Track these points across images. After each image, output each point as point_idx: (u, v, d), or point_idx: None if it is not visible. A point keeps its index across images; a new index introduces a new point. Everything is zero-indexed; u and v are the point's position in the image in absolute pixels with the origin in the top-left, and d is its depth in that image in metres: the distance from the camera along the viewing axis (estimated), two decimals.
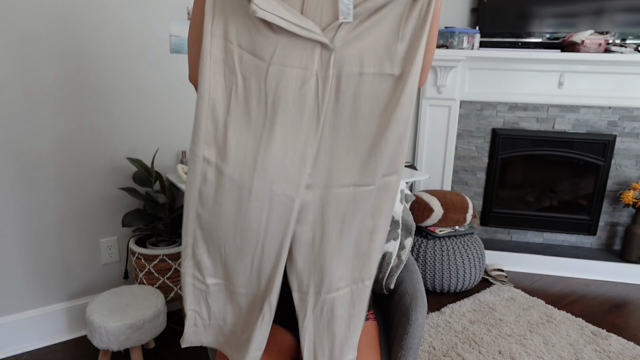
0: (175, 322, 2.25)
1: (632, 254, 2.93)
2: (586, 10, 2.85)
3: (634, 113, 2.89)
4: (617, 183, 3.02)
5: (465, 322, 2.33)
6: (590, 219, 3.10)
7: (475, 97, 3.04)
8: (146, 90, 2.11)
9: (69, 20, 1.87)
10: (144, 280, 2.04)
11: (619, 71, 2.81)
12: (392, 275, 1.46)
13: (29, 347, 2.02)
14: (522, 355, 2.08)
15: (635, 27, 2.81)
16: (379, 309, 1.49)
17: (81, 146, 2.00)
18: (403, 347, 1.22)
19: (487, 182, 3.17)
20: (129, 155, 2.13)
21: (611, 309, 2.57)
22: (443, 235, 2.64)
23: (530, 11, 2.93)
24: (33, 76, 1.84)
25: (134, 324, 1.72)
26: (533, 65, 2.90)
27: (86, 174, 2.04)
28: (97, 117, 2.02)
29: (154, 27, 2.07)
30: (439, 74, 2.97)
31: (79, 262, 2.10)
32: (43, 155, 1.92)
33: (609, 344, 2.19)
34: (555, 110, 2.98)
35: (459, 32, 2.83)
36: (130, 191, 2.05)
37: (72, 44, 1.90)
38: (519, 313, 2.44)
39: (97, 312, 1.75)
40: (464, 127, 3.11)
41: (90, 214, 2.09)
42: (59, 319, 2.08)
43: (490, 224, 3.23)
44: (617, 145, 2.96)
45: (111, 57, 2.00)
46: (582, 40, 2.72)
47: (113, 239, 2.17)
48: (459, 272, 2.59)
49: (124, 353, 1.99)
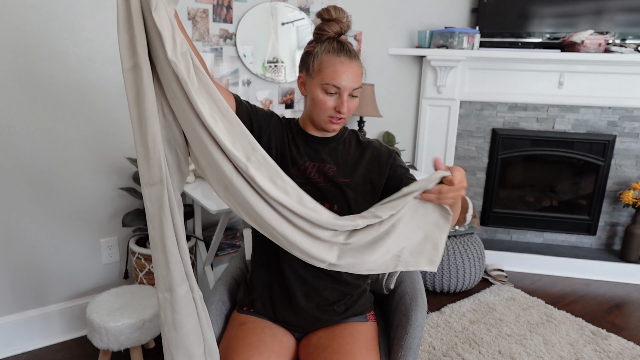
0: None
1: (632, 254, 2.93)
2: (586, 10, 2.85)
3: (634, 113, 2.90)
4: (617, 183, 3.02)
5: (465, 322, 2.33)
6: (590, 219, 3.10)
7: (475, 97, 3.04)
8: None
9: (68, 20, 1.87)
10: (144, 280, 2.04)
11: (619, 71, 2.82)
12: (392, 275, 1.46)
13: (29, 347, 2.02)
14: (522, 355, 2.08)
15: (635, 27, 2.81)
16: (379, 309, 1.49)
17: (81, 146, 2.00)
18: (403, 347, 1.22)
19: (487, 182, 3.17)
20: (129, 155, 2.13)
21: (611, 309, 2.57)
22: None
23: (530, 11, 2.93)
24: (32, 76, 1.84)
25: (134, 324, 1.72)
26: (533, 65, 2.90)
27: (86, 174, 2.04)
28: (97, 117, 2.02)
29: None
30: (439, 74, 2.97)
31: (79, 262, 2.10)
32: (43, 155, 1.92)
33: (609, 344, 2.19)
34: (555, 110, 2.98)
35: (459, 32, 2.83)
36: (130, 191, 2.05)
37: (72, 44, 1.90)
38: (519, 313, 2.45)
39: (97, 312, 1.75)
40: (464, 127, 3.11)
41: (90, 214, 2.09)
42: (59, 319, 2.08)
43: (490, 224, 3.23)
44: (617, 145, 2.96)
45: (111, 57, 2.00)
46: (582, 40, 2.72)
47: (113, 239, 2.17)
48: (459, 272, 2.59)
49: (124, 353, 1.99)
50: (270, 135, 1.16)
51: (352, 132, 1.27)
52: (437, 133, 3.14)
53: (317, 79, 1.10)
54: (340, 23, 1.10)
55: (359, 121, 2.75)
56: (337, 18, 1.10)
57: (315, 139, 1.20)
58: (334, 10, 1.10)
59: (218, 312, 1.29)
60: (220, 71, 2.30)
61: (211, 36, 2.23)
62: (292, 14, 2.44)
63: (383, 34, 2.89)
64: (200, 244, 2.19)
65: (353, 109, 1.14)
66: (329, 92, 1.09)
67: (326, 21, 1.10)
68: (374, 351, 1.19)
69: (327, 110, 1.11)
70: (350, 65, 1.09)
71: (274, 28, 2.40)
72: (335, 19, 1.10)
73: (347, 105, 1.10)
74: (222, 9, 2.24)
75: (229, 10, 2.26)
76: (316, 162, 1.18)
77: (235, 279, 1.43)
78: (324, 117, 1.12)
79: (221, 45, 2.27)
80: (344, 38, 1.13)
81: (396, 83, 3.04)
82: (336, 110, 1.10)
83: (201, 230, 2.26)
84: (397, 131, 3.13)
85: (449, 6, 3.08)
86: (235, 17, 2.28)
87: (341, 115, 1.11)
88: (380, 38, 2.88)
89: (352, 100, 1.12)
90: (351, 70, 1.09)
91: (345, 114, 1.11)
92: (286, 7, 2.42)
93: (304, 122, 1.21)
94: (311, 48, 1.12)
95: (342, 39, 1.12)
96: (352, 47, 1.12)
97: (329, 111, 1.11)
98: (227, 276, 1.43)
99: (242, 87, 2.39)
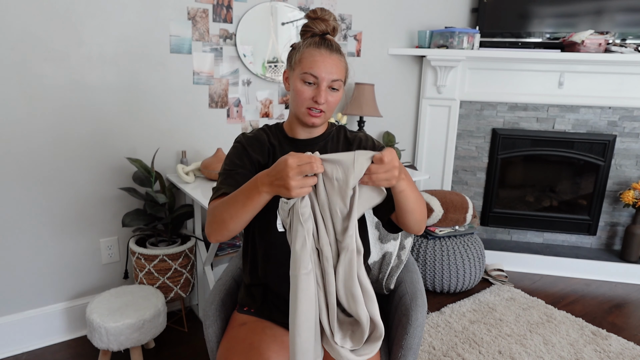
0: (175, 322, 2.25)
1: (632, 254, 2.93)
2: (586, 10, 2.85)
3: (634, 113, 2.89)
4: (617, 183, 3.02)
5: (465, 322, 2.33)
6: (590, 219, 3.10)
7: (475, 97, 3.04)
8: (146, 90, 2.11)
9: (67, 20, 1.87)
10: (144, 280, 2.04)
11: (619, 71, 2.81)
12: (392, 275, 1.46)
13: (29, 347, 2.02)
14: (522, 355, 2.08)
15: (635, 27, 2.81)
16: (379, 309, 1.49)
17: (81, 146, 2.00)
18: (403, 347, 1.22)
19: (487, 182, 3.17)
20: (129, 155, 2.13)
21: (611, 309, 2.57)
22: (443, 235, 2.64)
23: (530, 11, 2.93)
24: (33, 77, 1.84)
25: (134, 324, 1.72)
26: (533, 65, 2.90)
27: (86, 174, 2.04)
28: (97, 117, 2.02)
29: (154, 27, 2.07)
30: (439, 74, 2.97)
31: (79, 262, 2.10)
32: (43, 155, 1.92)
33: (609, 344, 2.19)
34: (555, 110, 2.98)
35: (459, 32, 2.83)
36: (130, 191, 2.05)
37: (72, 44, 1.90)
38: (519, 313, 2.44)
39: (97, 312, 1.75)
40: (464, 127, 3.11)
41: (90, 214, 2.09)
42: (59, 319, 2.08)
43: (490, 224, 3.23)
44: (617, 145, 2.96)
45: (111, 57, 2.00)
46: (582, 40, 2.72)
47: (113, 239, 2.17)
48: (459, 272, 2.59)
49: (124, 353, 1.99)
50: (253, 160, 1.17)
51: (340, 127, 1.27)
52: (437, 133, 3.14)
53: (297, 70, 1.11)
54: (326, 22, 1.12)
55: (359, 121, 2.75)
56: (322, 17, 1.12)
57: (302, 141, 1.20)
58: (320, 11, 1.12)
59: (218, 312, 1.28)
60: (220, 71, 2.30)
61: (211, 36, 2.23)
62: (292, 14, 2.44)
63: (383, 34, 2.89)
64: (200, 244, 2.19)
65: (333, 104, 1.13)
66: (307, 81, 1.09)
67: (312, 19, 1.13)
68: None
69: (305, 101, 1.10)
70: (330, 57, 1.09)
71: (274, 28, 2.40)
72: (320, 17, 1.12)
73: (326, 96, 1.09)
74: (222, 9, 2.23)
75: (229, 10, 2.26)
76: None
77: (235, 279, 1.43)
78: (302, 108, 1.11)
79: (221, 45, 2.27)
80: (330, 37, 1.14)
81: (396, 83, 3.04)
82: (314, 101, 1.09)
83: (201, 230, 2.26)
84: (397, 131, 3.13)
85: (449, 6, 3.08)
86: (235, 17, 2.28)
87: (319, 106, 1.10)
88: (380, 38, 2.88)
89: (332, 94, 1.11)
90: (330, 61, 1.09)
91: (324, 105, 1.10)
92: (286, 7, 2.42)
93: (290, 125, 1.21)
94: (296, 44, 1.15)
95: (327, 37, 1.13)
96: (337, 44, 1.13)
97: (306, 102, 1.10)
98: (227, 276, 1.43)
99: (242, 87, 2.39)
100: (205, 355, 2.00)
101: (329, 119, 1.24)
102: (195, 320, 2.28)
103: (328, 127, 1.24)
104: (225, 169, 1.16)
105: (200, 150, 2.34)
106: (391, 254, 1.48)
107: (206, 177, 2.14)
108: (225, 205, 1.03)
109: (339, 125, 1.28)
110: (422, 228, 1.13)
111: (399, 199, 1.01)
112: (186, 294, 2.14)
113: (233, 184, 1.11)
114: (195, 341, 2.11)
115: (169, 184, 2.19)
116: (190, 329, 2.21)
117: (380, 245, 1.50)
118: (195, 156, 2.32)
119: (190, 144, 2.30)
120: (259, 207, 0.99)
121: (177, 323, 2.24)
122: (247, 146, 1.18)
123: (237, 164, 1.16)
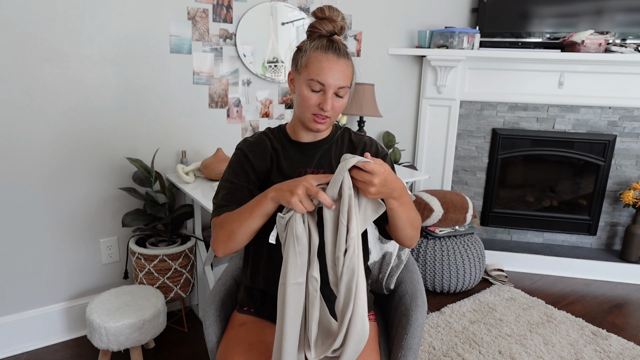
0: (175, 322, 2.25)
1: (632, 254, 2.93)
2: (586, 10, 2.85)
3: (634, 113, 2.89)
4: (617, 183, 3.02)
5: (465, 322, 2.33)
6: (590, 219, 3.10)
7: (475, 97, 3.04)
8: (146, 90, 2.11)
9: (67, 20, 1.87)
10: (144, 280, 2.04)
11: (619, 71, 2.81)
12: (392, 275, 1.46)
13: (29, 347, 2.02)
14: (522, 355, 2.08)
15: (635, 27, 2.81)
16: (379, 309, 1.49)
17: (81, 146, 2.00)
18: (403, 347, 1.22)
19: (487, 182, 3.17)
20: (129, 155, 2.13)
21: (611, 309, 2.57)
22: (443, 235, 2.64)
23: (530, 11, 2.93)
24: (32, 76, 1.84)
25: (134, 324, 1.72)
26: (533, 65, 2.90)
27: (86, 174, 2.04)
28: (97, 117, 2.02)
29: (154, 27, 2.07)
30: (439, 74, 2.97)
31: (79, 262, 2.10)
32: (43, 155, 1.92)
33: (609, 344, 2.19)
34: (555, 110, 2.98)
35: (459, 32, 2.83)
36: (130, 191, 2.05)
37: (72, 44, 1.90)
38: (519, 313, 2.44)
39: (97, 312, 1.75)
40: (464, 127, 3.11)
41: (90, 214, 2.09)
42: (59, 319, 2.08)
43: (490, 224, 3.23)
44: (617, 145, 2.96)
45: (111, 57, 2.00)
46: (582, 40, 2.72)
47: (113, 239, 2.17)
48: (459, 272, 2.59)
49: (124, 353, 1.99)
50: (255, 167, 1.17)
51: (345, 129, 1.26)
52: (437, 133, 3.14)
53: (304, 74, 1.08)
54: (334, 22, 1.09)
55: (359, 121, 2.75)
56: (330, 17, 1.09)
57: (306, 145, 1.19)
58: (327, 10, 1.09)
59: (218, 312, 1.28)
60: (220, 71, 2.30)
61: (211, 36, 2.23)
62: (292, 14, 2.44)
63: (383, 34, 2.89)
64: (200, 244, 2.19)
65: (339, 109, 1.12)
66: (314, 88, 1.07)
67: (319, 19, 1.10)
68: (374, 351, 1.19)
69: (310, 107, 1.09)
70: (338, 63, 1.07)
71: (274, 28, 2.40)
72: (328, 17, 1.09)
73: (332, 103, 1.08)
74: (222, 9, 2.23)
75: (229, 10, 2.26)
76: (311, 168, 1.17)
77: (235, 279, 1.43)
78: (307, 114, 1.10)
79: (221, 45, 2.27)
80: (337, 38, 1.11)
81: (396, 83, 3.04)
82: (320, 108, 1.08)
83: (201, 230, 2.26)
84: (397, 131, 3.13)
85: (449, 6, 3.08)
86: (235, 17, 2.28)
87: (325, 113, 1.09)
88: (380, 38, 2.88)
89: (338, 100, 1.10)
90: (338, 67, 1.07)
91: (330, 112, 1.09)
92: (286, 7, 2.42)
93: (293, 128, 1.20)
94: (302, 45, 1.12)
95: (334, 38, 1.10)
96: (344, 47, 1.11)
97: (312, 108, 1.09)
98: (227, 276, 1.43)
99: (242, 87, 2.39)
100: (205, 355, 2.00)
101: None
102: (195, 320, 2.28)
103: (332, 130, 1.24)
104: (227, 185, 1.16)
105: (200, 150, 2.34)
106: (391, 254, 1.48)
107: (206, 177, 2.14)
108: (233, 216, 1.06)
109: (344, 127, 1.27)
110: (413, 244, 1.16)
111: (389, 214, 1.05)
112: (186, 294, 2.14)
113: (236, 202, 1.11)
114: (195, 341, 2.11)
115: (169, 184, 2.19)
116: (190, 329, 2.21)
117: (380, 245, 1.50)
118: (195, 156, 2.32)
119: (190, 144, 2.30)
120: (265, 214, 1.01)
121: (177, 323, 2.24)
122: (248, 153, 1.18)
123: (239, 178, 1.16)
